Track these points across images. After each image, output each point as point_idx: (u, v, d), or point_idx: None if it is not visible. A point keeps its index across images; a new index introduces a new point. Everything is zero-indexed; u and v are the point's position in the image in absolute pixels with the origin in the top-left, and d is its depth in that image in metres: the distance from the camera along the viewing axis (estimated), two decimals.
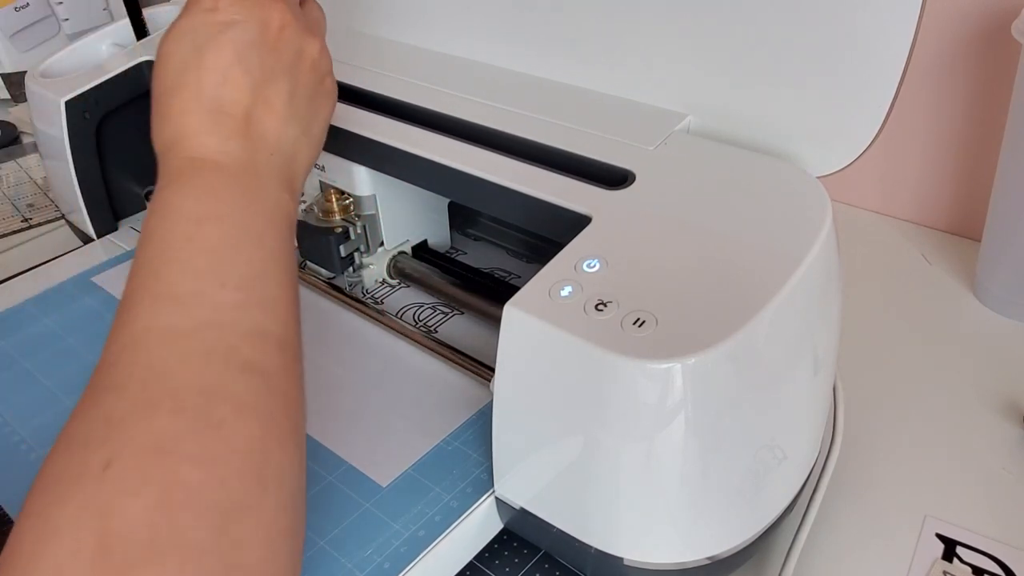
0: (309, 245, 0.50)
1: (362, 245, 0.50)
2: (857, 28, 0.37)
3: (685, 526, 0.33)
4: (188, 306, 0.28)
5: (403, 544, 0.36)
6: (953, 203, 0.63)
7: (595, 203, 0.37)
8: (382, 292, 0.52)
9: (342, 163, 0.48)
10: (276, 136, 0.35)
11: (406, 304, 0.51)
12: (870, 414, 0.47)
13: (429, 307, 0.50)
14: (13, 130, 0.87)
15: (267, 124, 0.34)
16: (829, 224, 0.35)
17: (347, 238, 0.49)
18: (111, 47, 0.64)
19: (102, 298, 0.54)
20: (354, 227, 0.49)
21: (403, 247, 0.52)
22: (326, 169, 0.49)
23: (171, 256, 0.29)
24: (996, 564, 0.39)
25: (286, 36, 0.35)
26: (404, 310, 0.50)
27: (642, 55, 0.44)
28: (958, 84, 0.59)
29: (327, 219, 0.50)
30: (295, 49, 0.36)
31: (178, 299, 0.28)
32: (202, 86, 0.33)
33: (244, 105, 0.34)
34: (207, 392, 0.27)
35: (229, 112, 0.33)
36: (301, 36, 0.36)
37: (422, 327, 0.49)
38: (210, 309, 0.28)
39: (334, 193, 0.50)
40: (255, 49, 0.34)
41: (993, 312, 0.55)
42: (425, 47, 0.54)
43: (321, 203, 0.50)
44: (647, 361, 0.29)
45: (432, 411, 0.42)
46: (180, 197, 0.31)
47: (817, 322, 0.34)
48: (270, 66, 0.35)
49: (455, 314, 0.50)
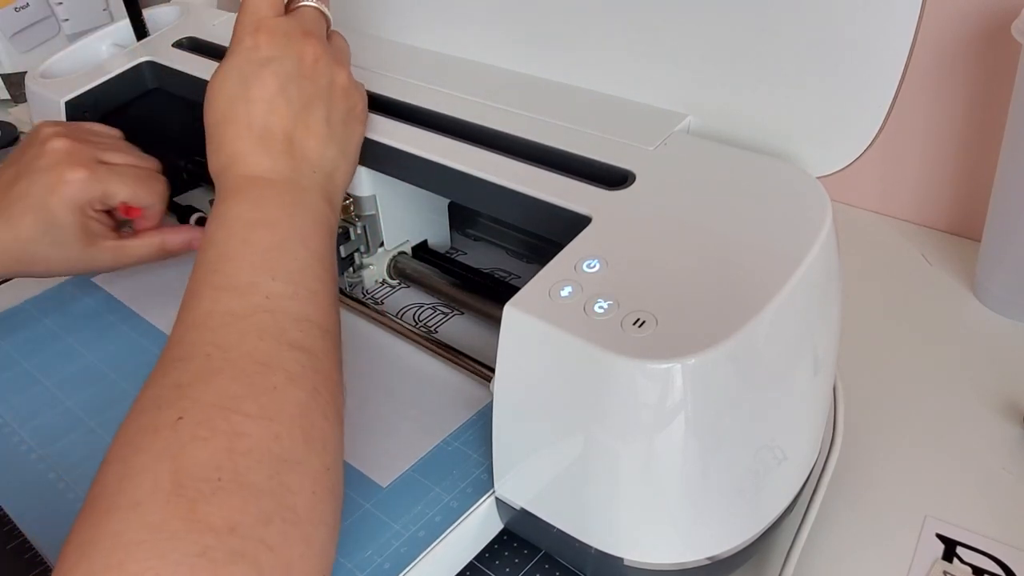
0: None
1: (362, 245, 0.50)
2: (857, 28, 0.37)
3: (685, 526, 0.33)
4: (244, 294, 0.33)
5: (403, 544, 0.36)
6: (953, 203, 0.63)
7: (595, 203, 0.37)
8: (382, 292, 0.52)
9: None
10: (317, 155, 0.40)
11: (406, 304, 0.51)
12: (870, 414, 0.47)
13: (429, 307, 0.50)
14: (13, 130, 0.87)
15: (308, 145, 0.39)
16: (829, 224, 0.35)
17: (347, 239, 0.49)
18: (111, 47, 0.64)
19: (102, 298, 0.54)
20: (354, 227, 0.49)
21: (403, 247, 0.52)
22: None
23: (229, 255, 0.34)
24: (996, 564, 0.39)
25: (320, 67, 0.40)
26: (404, 310, 0.50)
27: (642, 55, 0.44)
28: (958, 84, 0.59)
29: None
30: (328, 78, 0.41)
31: (236, 289, 0.33)
32: (251, 115, 0.39)
33: (288, 129, 0.39)
34: (262, 362, 0.31)
35: (275, 136, 0.39)
36: (332, 67, 0.41)
37: (422, 327, 0.49)
38: (262, 297, 0.33)
39: None
40: (294, 80, 0.39)
41: (993, 312, 0.55)
42: (425, 47, 0.54)
43: None
44: (647, 361, 0.29)
45: (432, 411, 0.42)
46: (237, 207, 0.37)
47: (817, 322, 0.34)
48: (308, 94, 0.40)
49: (455, 314, 0.50)
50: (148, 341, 0.50)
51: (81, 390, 0.46)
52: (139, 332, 0.50)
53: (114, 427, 0.30)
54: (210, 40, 0.59)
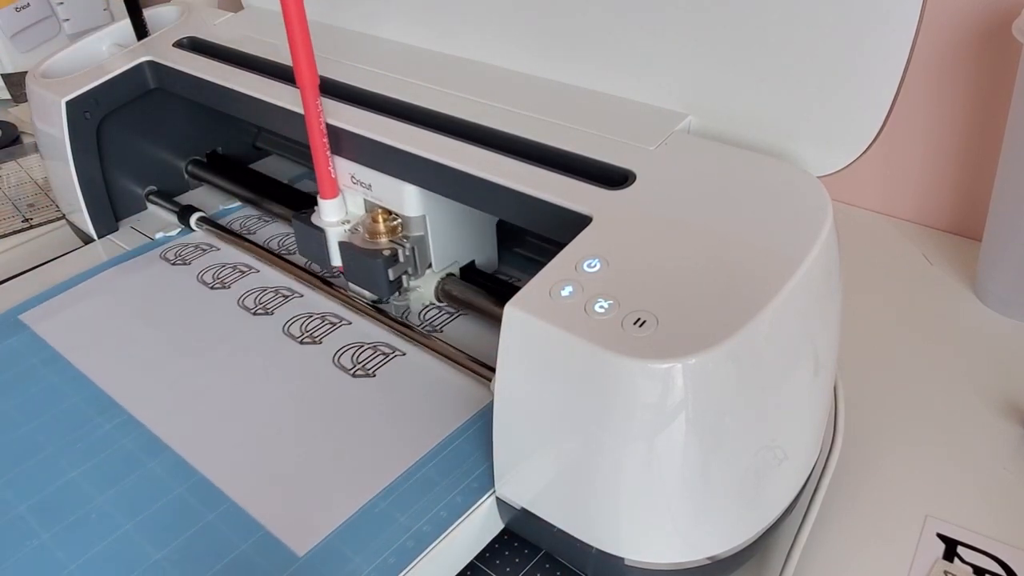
0: (355, 268, 0.48)
1: (410, 267, 0.48)
2: (858, 28, 0.37)
3: (686, 526, 0.33)
4: None
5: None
6: (954, 203, 0.63)
7: (595, 203, 0.37)
8: (430, 315, 0.50)
9: (391, 181, 0.46)
10: None
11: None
12: (870, 414, 0.47)
13: (435, 307, 0.50)
14: (13, 130, 0.87)
15: None
16: (829, 224, 0.35)
17: (395, 260, 0.47)
18: (111, 47, 0.64)
19: (26, 339, 0.50)
20: (402, 248, 0.47)
21: (451, 269, 0.50)
22: (372, 188, 0.47)
23: None
24: (997, 564, 0.39)
25: None
26: (407, 312, 0.50)
27: (642, 55, 0.44)
28: (958, 84, 0.59)
29: (374, 241, 0.48)
30: None
31: None
32: None
33: None
34: None
35: None
36: None
37: (427, 327, 0.49)
38: None
39: (381, 213, 0.48)
40: None
41: (993, 312, 0.55)
42: (424, 47, 0.54)
43: (367, 224, 0.48)
44: (648, 361, 0.29)
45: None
46: None
47: (817, 322, 0.34)
48: None
49: (459, 314, 0.50)
50: (71, 388, 0.46)
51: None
52: (64, 378, 0.47)
53: (26, 487, 0.25)
54: (210, 40, 0.59)
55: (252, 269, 0.55)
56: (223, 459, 0.41)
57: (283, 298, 0.52)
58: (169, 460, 0.41)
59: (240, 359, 0.47)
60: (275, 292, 0.52)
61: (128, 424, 0.43)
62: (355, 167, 0.47)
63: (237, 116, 0.54)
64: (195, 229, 0.60)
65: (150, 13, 0.64)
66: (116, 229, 0.62)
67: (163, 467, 0.40)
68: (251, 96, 0.51)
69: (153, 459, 0.41)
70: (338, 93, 0.49)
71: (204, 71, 0.55)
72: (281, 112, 0.50)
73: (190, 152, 0.66)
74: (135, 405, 0.44)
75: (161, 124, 0.63)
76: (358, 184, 0.48)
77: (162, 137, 0.64)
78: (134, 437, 0.42)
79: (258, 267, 0.55)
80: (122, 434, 0.42)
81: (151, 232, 0.61)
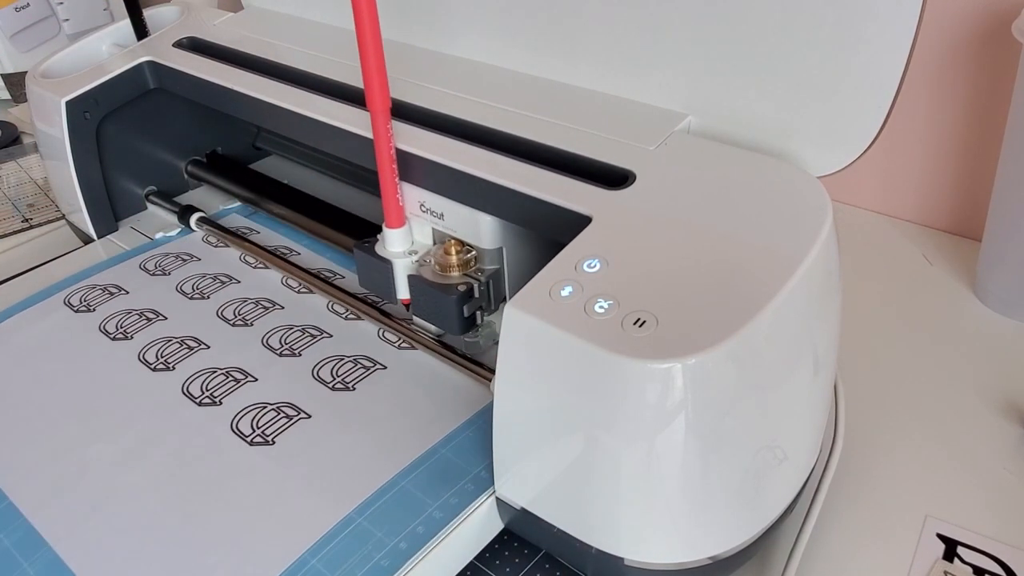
0: (425, 304, 0.45)
1: (484, 303, 0.45)
2: (857, 28, 0.37)
3: (686, 526, 0.33)
4: None
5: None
6: (954, 203, 0.63)
7: (595, 203, 0.37)
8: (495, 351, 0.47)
9: (466, 211, 0.43)
10: None
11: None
12: (871, 414, 0.47)
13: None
14: (13, 130, 0.87)
15: None
16: (829, 224, 0.35)
17: (471, 297, 0.44)
18: (111, 47, 0.64)
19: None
20: (478, 284, 0.44)
21: None
22: (445, 217, 0.44)
23: None
24: (997, 564, 0.39)
25: None
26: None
27: (642, 55, 0.44)
28: (958, 84, 0.59)
29: (445, 274, 0.44)
30: None
31: None
32: None
33: None
34: None
35: None
36: None
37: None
38: None
39: (454, 245, 0.45)
40: None
41: (993, 312, 0.55)
42: (424, 47, 0.54)
43: (439, 256, 0.45)
44: (647, 361, 0.29)
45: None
46: None
47: (817, 322, 0.34)
48: None
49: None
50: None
51: None
52: None
53: None
54: (210, 40, 0.59)
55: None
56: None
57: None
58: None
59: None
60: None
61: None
62: (425, 195, 0.44)
63: (237, 116, 0.54)
64: (195, 229, 0.60)
65: (150, 13, 0.64)
66: (116, 229, 0.62)
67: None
68: (251, 96, 0.51)
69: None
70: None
71: (204, 71, 0.55)
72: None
73: (190, 152, 0.66)
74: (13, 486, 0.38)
75: (161, 124, 0.63)
76: (428, 212, 0.45)
77: (162, 137, 0.64)
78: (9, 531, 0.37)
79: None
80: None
81: (151, 232, 0.61)
